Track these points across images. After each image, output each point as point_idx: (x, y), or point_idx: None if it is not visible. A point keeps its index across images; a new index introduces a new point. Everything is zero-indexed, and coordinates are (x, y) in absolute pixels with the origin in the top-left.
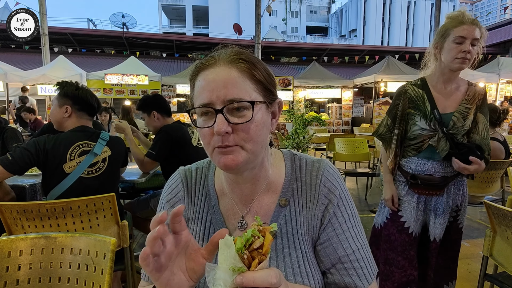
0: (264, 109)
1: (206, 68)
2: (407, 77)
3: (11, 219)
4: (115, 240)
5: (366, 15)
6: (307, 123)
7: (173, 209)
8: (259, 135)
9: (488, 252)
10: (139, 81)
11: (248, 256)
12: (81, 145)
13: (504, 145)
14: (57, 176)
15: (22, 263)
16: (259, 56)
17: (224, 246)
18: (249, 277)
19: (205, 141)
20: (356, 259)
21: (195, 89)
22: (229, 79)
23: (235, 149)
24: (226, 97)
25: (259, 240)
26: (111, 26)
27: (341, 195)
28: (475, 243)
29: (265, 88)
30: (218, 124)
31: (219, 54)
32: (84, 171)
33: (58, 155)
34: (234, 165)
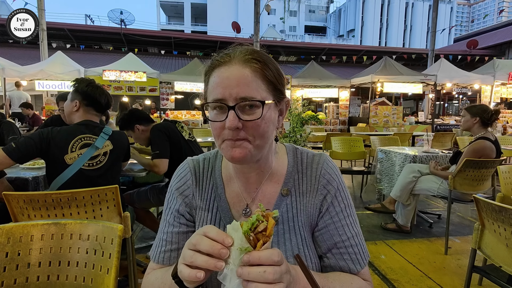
0: (273, 107)
1: (221, 65)
2: (404, 78)
3: (17, 208)
4: (122, 226)
5: (364, 15)
6: (304, 121)
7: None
8: (266, 131)
9: (476, 245)
10: (137, 78)
11: (254, 238)
12: (83, 138)
13: (495, 145)
14: (59, 167)
15: (33, 248)
16: None
17: (231, 230)
18: (255, 255)
19: (215, 133)
20: (351, 245)
21: (209, 84)
22: (242, 78)
23: (243, 142)
24: (238, 95)
25: (263, 224)
26: (109, 22)
27: (338, 187)
28: (465, 239)
29: (275, 87)
30: (230, 120)
31: (234, 52)
32: (85, 164)
33: (60, 146)
34: (241, 157)
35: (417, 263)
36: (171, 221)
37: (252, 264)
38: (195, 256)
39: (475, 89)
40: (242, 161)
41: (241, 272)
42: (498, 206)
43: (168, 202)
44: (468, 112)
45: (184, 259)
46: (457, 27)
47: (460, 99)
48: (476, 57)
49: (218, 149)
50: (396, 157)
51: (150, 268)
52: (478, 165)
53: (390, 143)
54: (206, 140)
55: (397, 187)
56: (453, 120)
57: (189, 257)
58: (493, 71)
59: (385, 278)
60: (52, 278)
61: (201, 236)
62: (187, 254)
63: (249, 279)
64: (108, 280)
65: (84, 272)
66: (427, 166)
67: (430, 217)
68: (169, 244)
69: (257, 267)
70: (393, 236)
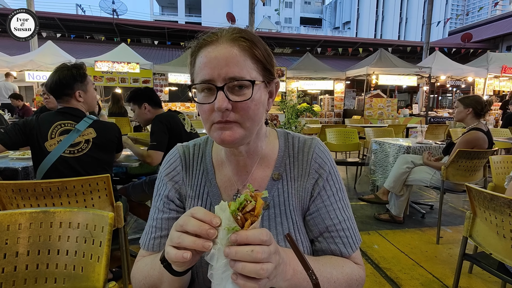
0: (262, 88)
1: (208, 45)
2: (399, 70)
3: (6, 198)
4: (112, 214)
5: (360, 7)
6: (299, 113)
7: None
8: (256, 113)
9: (468, 233)
10: (130, 69)
11: (242, 217)
12: (62, 124)
13: (487, 136)
14: (40, 154)
15: (21, 236)
16: None
17: (219, 211)
18: (242, 235)
19: (204, 116)
20: (342, 229)
21: (196, 65)
22: (230, 57)
23: (233, 125)
24: (227, 75)
25: (251, 203)
26: (101, 12)
27: (330, 171)
28: (457, 229)
29: (265, 67)
30: (219, 101)
31: (221, 31)
32: (66, 150)
33: (41, 132)
34: (231, 140)
35: (409, 252)
36: (160, 207)
37: (240, 244)
38: (182, 237)
39: (468, 82)
40: (233, 144)
41: (228, 251)
42: (490, 195)
43: (158, 189)
44: (461, 103)
45: (171, 241)
46: (452, 20)
47: (454, 92)
48: (470, 50)
49: (208, 136)
50: (390, 148)
51: (140, 255)
52: (470, 156)
53: (385, 134)
54: (201, 131)
55: (391, 178)
56: (447, 112)
57: (176, 238)
58: (487, 64)
59: (378, 267)
60: (42, 267)
61: (188, 217)
62: (174, 235)
63: (237, 259)
64: (99, 268)
65: (74, 260)
66: (421, 157)
67: (422, 207)
68: (159, 230)
69: (245, 246)
70: (386, 226)
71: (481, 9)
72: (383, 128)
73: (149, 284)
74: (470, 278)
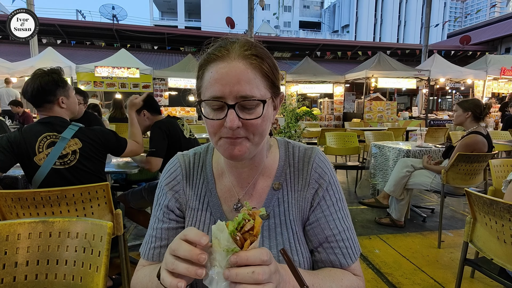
0: (270, 103)
1: (219, 60)
2: (398, 73)
3: (5, 207)
4: (111, 224)
5: (358, 11)
6: (298, 117)
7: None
8: (265, 129)
9: (468, 238)
10: (130, 74)
11: (241, 237)
12: (48, 136)
13: (487, 139)
14: (31, 168)
15: (20, 247)
16: None
17: (217, 231)
18: (242, 256)
19: (212, 130)
20: (342, 239)
21: (204, 79)
22: (242, 75)
23: (242, 140)
24: (238, 93)
25: (249, 222)
26: (101, 18)
27: (330, 181)
28: (458, 233)
29: (273, 83)
30: (231, 120)
31: (232, 45)
32: (56, 162)
33: (28, 147)
34: (240, 155)
35: (411, 257)
36: (160, 217)
37: (240, 265)
38: (176, 264)
39: (468, 84)
40: (241, 159)
41: (229, 274)
42: (489, 200)
43: (158, 198)
44: (461, 106)
45: (166, 265)
46: (450, 23)
47: (453, 94)
48: (469, 52)
49: (209, 144)
50: (390, 151)
51: (140, 264)
52: (470, 159)
53: (384, 138)
54: (201, 136)
55: (391, 182)
56: (446, 115)
57: (171, 264)
58: (485, 66)
59: (379, 272)
60: (40, 277)
61: (179, 241)
62: (169, 260)
63: (237, 281)
64: (98, 278)
65: (73, 270)
66: (421, 160)
67: (423, 211)
68: (159, 240)
69: (245, 268)
70: (387, 230)
71: (478, 11)
72: (383, 131)
73: None
74: (472, 283)
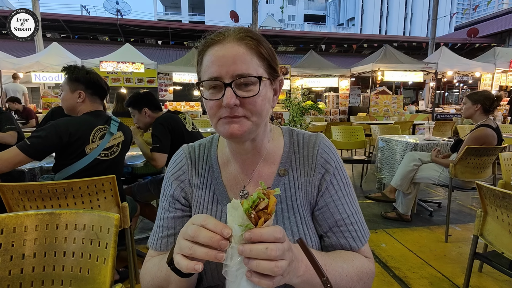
0: (268, 85)
1: (215, 44)
2: (405, 66)
3: (12, 199)
4: (118, 215)
5: (364, 3)
6: (304, 111)
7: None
8: (263, 109)
9: (479, 232)
10: (135, 69)
11: (255, 215)
12: (101, 129)
13: (496, 132)
14: (76, 156)
15: (27, 238)
16: None
17: (231, 209)
18: (256, 232)
19: (211, 112)
20: (351, 222)
21: (203, 63)
22: (237, 55)
23: (241, 119)
24: (234, 72)
25: (264, 201)
26: (105, 13)
27: (336, 166)
28: (466, 227)
29: (270, 65)
30: (227, 97)
31: (228, 31)
32: (101, 153)
33: (82, 136)
34: (240, 133)
35: (418, 251)
36: (166, 207)
37: (254, 241)
38: (194, 248)
39: (476, 77)
40: (240, 137)
41: (243, 249)
42: (502, 192)
43: (164, 189)
44: (470, 99)
45: (181, 250)
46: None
47: (461, 88)
48: (476, 45)
49: (213, 135)
50: (397, 145)
51: (149, 255)
52: (479, 153)
53: (391, 131)
54: (206, 130)
55: (398, 176)
56: (453, 109)
57: (188, 249)
58: (494, 59)
59: (385, 266)
60: (48, 269)
61: (198, 228)
62: (185, 245)
63: (251, 256)
64: (105, 270)
65: (81, 262)
66: (428, 154)
67: (430, 205)
68: (166, 229)
69: (259, 244)
70: (394, 224)
71: (489, 2)
72: (390, 125)
73: (157, 284)
74: (481, 277)
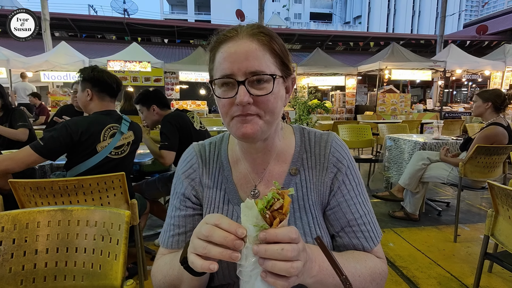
0: (281, 82)
1: (228, 40)
2: (412, 65)
3: (24, 196)
4: (129, 212)
5: (371, 1)
6: (311, 109)
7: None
8: (275, 107)
9: (490, 232)
10: (142, 68)
11: (270, 215)
12: (111, 127)
13: (507, 131)
14: (87, 154)
15: (40, 234)
16: None
17: (245, 209)
18: (272, 233)
19: (224, 110)
20: (363, 223)
21: (215, 60)
22: (250, 51)
23: (254, 118)
24: (247, 69)
25: (279, 201)
26: (112, 12)
27: (348, 165)
28: (475, 227)
29: (282, 62)
30: (240, 95)
31: (241, 28)
32: (112, 151)
33: (93, 135)
34: (252, 133)
35: (426, 250)
36: (177, 205)
37: (269, 242)
38: (209, 248)
39: (485, 76)
40: (253, 138)
41: (258, 249)
42: None
43: (175, 187)
44: (480, 97)
45: (196, 249)
46: (466, 12)
47: (469, 86)
48: (485, 42)
49: (224, 133)
50: (405, 144)
51: (160, 253)
52: (489, 152)
53: (399, 130)
54: (212, 129)
55: (406, 175)
56: (462, 107)
57: (202, 248)
58: (504, 56)
59: (393, 265)
60: (60, 264)
61: (212, 227)
62: (199, 244)
63: (266, 257)
64: (117, 266)
65: (92, 258)
66: (437, 153)
67: (438, 205)
68: (177, 228)
69: (275, 245)
70: (401, 224)
71: None
72: (397, 124)
73: (169, 283)
74: (490, 277)
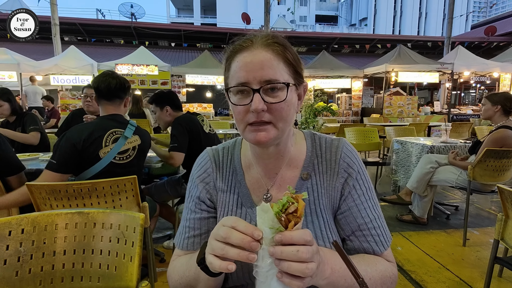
0: (294, 90)
1: (243, 50)
2: (420, 67)
3: (40, 199)
4: (143, 215)
5: (377, 3)
6: (317, 112)
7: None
8: (288, 114)
9: (499, 236)
10: (149, 71)
11: (285, 218)
12: (114, 132)
13: None
14: (91, 161)
15: (58, 236)
16: None
17: (261, 212)
18: (287, 235)
19: (239, 117)
20: (374, 227)
21: (231, 69)
22: (265, 61)
23: (268, 126)
24: (262, 78)
25: (293, 205)
26: (120, 16)
27: (359, 170)
28: (484, 231)
29: (295, 70)
30: (255, 102)
31: (256, 37)
32: (116, 157)
33: (95, 141)
34: (266, 141)
35: (435, 255)
36: (192, 208)
37: (284, 244)
38: (227, 249)
39: (494, 78)
40: (267, 144)
41: (274, 251)
42: None
43: (190, 191)
44: (489, 100)
45: (214, 251)
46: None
47: (478, 88)
48: (494, 43)
49: (236, 138)
50: (413, 147)
51: (176, 254)
52: (499, 155)
53: (406, 133)
54: (218, 132)
55: (414, 178)
56: (470, 110)
57: (220, 249)
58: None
59: (402, 269)
60: (77, 266)
61: (230, 229)
62: (217, 246)
63: (282, 258)
64: (132, 268)
65: (108, 260)
66: (445, 156)
67: (447, 208)
68: (192, 230)
69: (290, 246)
70: (410, 227)
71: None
72: (404, 126)
73: (185, 283)
74: (500, 282)
